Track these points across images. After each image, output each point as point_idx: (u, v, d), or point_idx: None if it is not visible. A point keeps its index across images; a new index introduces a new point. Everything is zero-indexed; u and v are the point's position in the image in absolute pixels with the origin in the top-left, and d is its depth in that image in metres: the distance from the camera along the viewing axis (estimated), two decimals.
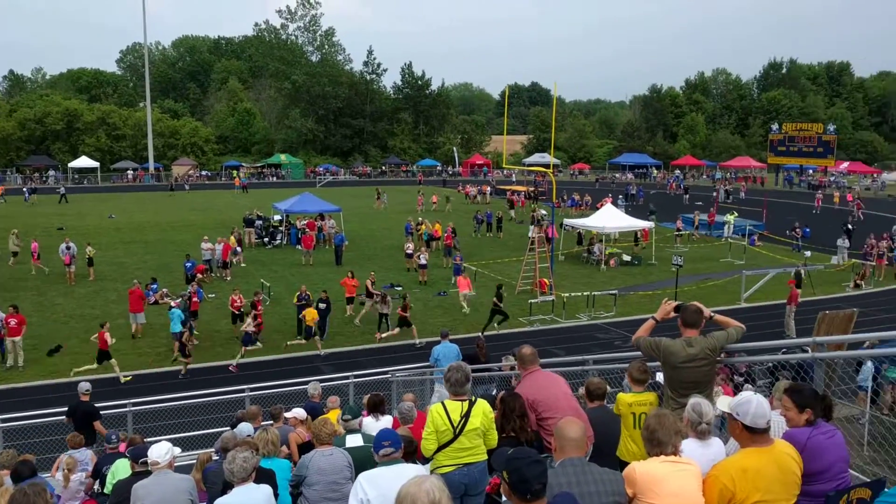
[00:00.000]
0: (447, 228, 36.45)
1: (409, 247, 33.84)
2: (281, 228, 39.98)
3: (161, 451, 6.24)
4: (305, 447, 8.42)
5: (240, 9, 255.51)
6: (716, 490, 3.98)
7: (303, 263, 34.05)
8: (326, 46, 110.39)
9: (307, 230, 37.62)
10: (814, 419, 4.55)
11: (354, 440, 7.26)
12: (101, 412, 13.19)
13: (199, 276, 28.52)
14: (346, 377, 16.46)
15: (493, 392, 10.31)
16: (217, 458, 8.09)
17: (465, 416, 5.39)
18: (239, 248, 34.46)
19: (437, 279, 30.93)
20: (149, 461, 6.32)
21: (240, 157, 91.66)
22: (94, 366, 19.32)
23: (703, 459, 4.35)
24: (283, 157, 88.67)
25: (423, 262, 30.87)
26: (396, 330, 22.71)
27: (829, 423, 4.70)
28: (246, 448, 5.36)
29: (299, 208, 39.88)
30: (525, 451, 3.59)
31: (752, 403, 4.12)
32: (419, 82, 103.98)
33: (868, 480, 5.05)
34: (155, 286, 26.77)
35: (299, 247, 36.11)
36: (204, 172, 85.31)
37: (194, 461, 8.04)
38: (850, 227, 40.06)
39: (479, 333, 22.35)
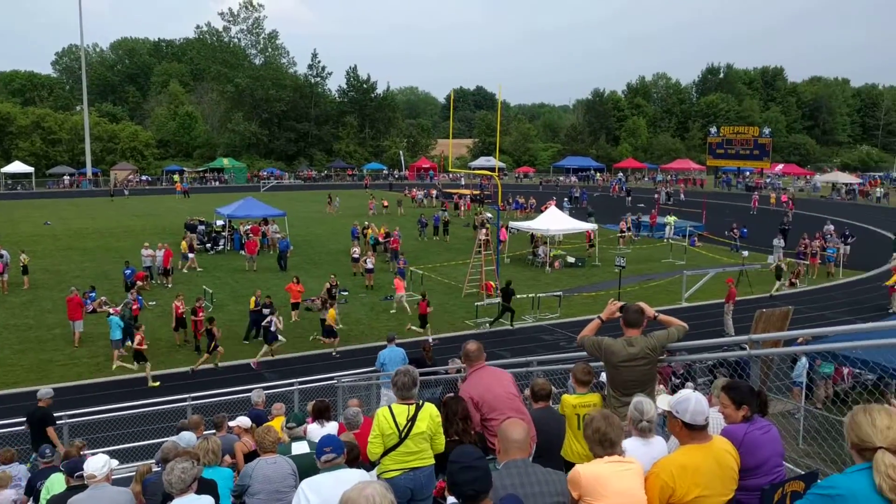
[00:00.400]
0: (393, 232, 36.36)
1: (356, 251, 33.63)
2: (224, 234, 39.35)
3: (98, 463, 6.07)
4: (252, 456, 8.30)
5: (180, 11, 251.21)
6: (657, 487, 4.03)
7: (246, 269, 33.55)
8: (270, 49, 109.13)
9: (251, 235, 37.13)
10: (750, 415, 4.65)
11: (300, 447, 7.19)
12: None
13: (139, 283, 27.90)
14: (291, 384, 16.27)
15: (440, 395, 10.32)
16: (158, 469, 7.91)
17: (412, 420, 5.37)
18: (191, 254, 34.02)
19: (384, 283, 30.79)
20: (85, 475, 6.14)
21: (181, 162, 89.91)
22: (135, 366, 19.85)
23: (646, 458, 4.40)
24: (225, 162, 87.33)
25: (369, 266, 30.70)
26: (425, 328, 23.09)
27: (765, 418, 4.81)
28: (186, 458, 5.24)
29: (243, 213, 39.31)
30: (461, 455, 3.59)
31: (690, 401, 4.18)
32: (364, 86, 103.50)
33: (802, 473, 5.19)
34: (93, 294, 26.10)
35: (243, 252, 35.59)
36: (144, 177, 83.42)
37: (134, 473, 7.84)
38: (785, 227, 41.22)
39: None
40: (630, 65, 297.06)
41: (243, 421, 9.86)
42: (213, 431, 9.73)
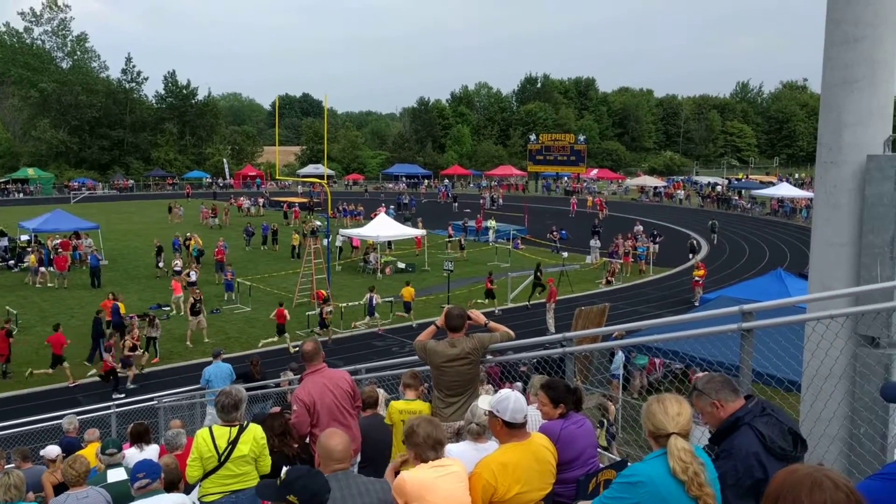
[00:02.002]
0: (218, 243, 35.08)
1: (178, 264, 32.12)
2: (29, 249, 36.27)
3: None
4: (64, 488, 7.71)
5: None
6: (479, 486, 4.11)
7: (56, 287, 31.16)
8: (79, 52, 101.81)
9: (60, 250, 34.49)
10: (566, 412, 4.88)
11: (116, 475, 6.78)
12: None
13: None
14: (108, 407, 15.26)
15: (269, 409, 10.07)
16: None
17: (233, 443, 5.18)
18: (42, 268, 31.89)
19: (209, 297, 29.65)
20: None
21: None
22: (276, 338, 23.49)
23: (475, 461, 4.46)
24: (30, 172, 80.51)
25: (192, 279, 29.44)
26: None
27: (580, 413, 5.07)
28: None
29: (51, 227, 36.49)
30: (299, 469, 3.54)
31: (510, 400, 4.29)
32: (184, 91, 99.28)
33: (617, 460, 5.52)
34: None
35: (52, 269, 33.01)
36: None
37: None
38: (596, 228, 43.77)
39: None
40: (453, 74, 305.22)
41: (51, 450, 9.13)
42: (13, 465, 8.96)
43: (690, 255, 37.83)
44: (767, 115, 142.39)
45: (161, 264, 33.92)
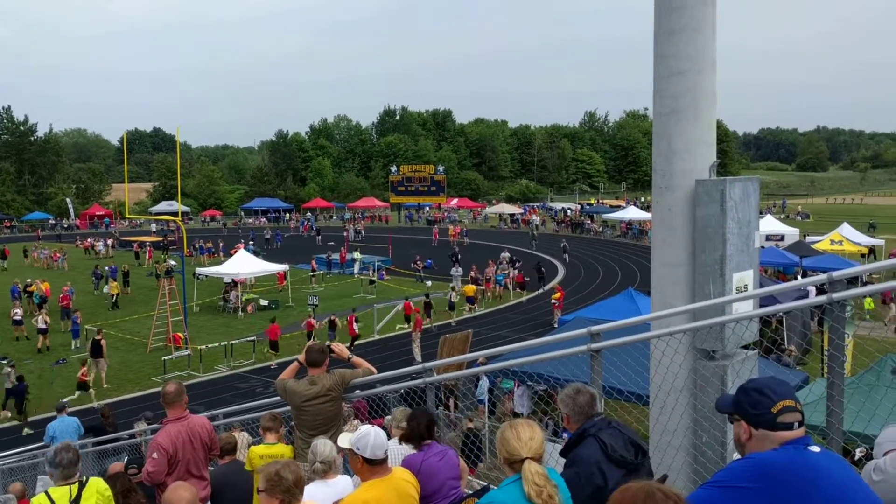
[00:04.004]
0: (63, 288, 32.91)
1: (18, 312, 29.87)
2: None
3: None
4: None
5: None
6: None
7: None
8: None
9: None
10: (428, 442, 4.88)
11: None
12: None
13: None
14: None
15: (126, 462, 9.50)
16: None
17: (75, 502, 4.83)
18: None
19: (55, 346, 27.80)
20: None
21: None
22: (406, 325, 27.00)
23: (329, 499, 4.39)
24: None
25: (43, 326, 27.46)
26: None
27: (435, 440, 5.07)
28: None
29: None
30: None
31: (370, 436, 4.23)
32: (21, 128, 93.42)
33: (481, 486, 5.56)
34: None
35: None
36: None
37: None
38: (458, 256, 44.46)
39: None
40: (311, 107, 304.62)
41: None
42: None
43: (539, 280, 39.08)
44: (614, 143, 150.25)
45: None
